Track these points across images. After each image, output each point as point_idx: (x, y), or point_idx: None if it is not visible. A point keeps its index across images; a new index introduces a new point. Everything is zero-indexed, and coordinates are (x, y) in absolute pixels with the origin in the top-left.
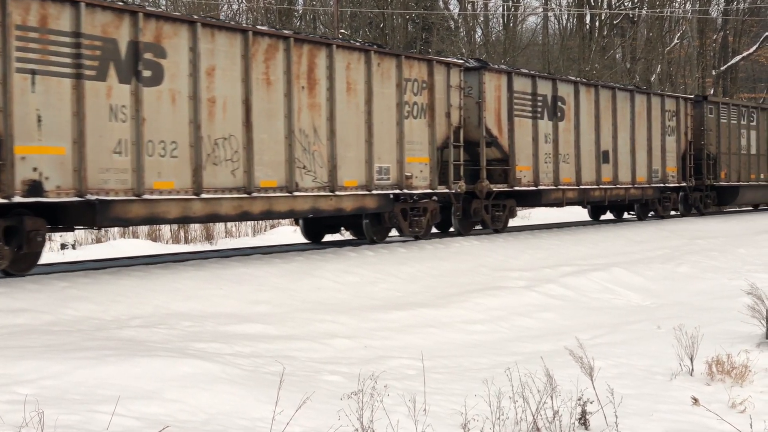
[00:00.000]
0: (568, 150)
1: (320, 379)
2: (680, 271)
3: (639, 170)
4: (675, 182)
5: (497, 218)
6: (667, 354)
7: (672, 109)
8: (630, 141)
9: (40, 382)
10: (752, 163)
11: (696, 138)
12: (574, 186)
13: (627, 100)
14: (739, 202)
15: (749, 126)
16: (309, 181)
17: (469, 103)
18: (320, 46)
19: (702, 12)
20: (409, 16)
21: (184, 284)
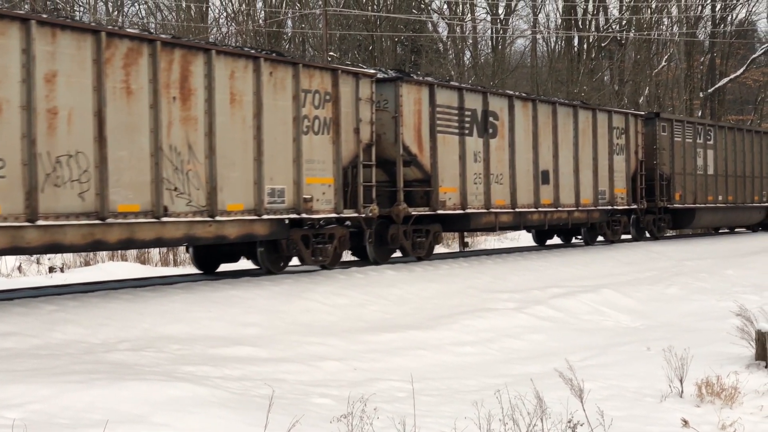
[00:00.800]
0: (501, 170)
1: (310, 402)
2: (669, 293)
3: (584, 192)
4: (624, 204)
5: (419, 245)
6: (657, 375)
7: (620, 126)
8: (573, 160)
9: (28, 406)
10: (710, 185)
11: (648, 157)
12: (509, 209)
13: (569, 116)
14: (696, 225)
15: (706, 145)
16: (182, 204)
17: (384, 118)
18: (196, 51)
19: (689, 35)
20: (398, 38)
21: (172, 307)
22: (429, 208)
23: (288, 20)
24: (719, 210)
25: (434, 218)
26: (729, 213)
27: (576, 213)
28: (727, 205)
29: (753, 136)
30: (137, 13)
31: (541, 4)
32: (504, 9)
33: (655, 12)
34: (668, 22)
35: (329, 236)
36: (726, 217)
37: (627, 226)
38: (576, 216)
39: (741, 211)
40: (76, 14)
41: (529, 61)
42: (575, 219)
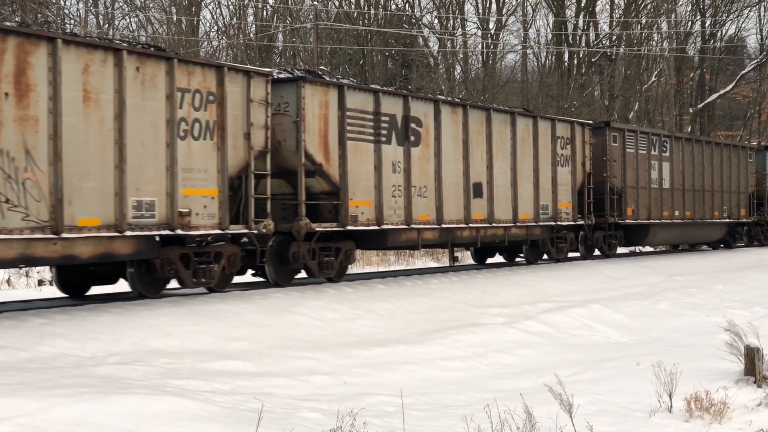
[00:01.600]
0: (425, 181)
1: (299, 416)
2: (659, 308)
3: (522, 206)
4: (570, 220)
5: (327, 264)
6: (646, 390)
7: (566, 136)
8: (511, 171)
9: (16, 419)
10: (665, 199)
11: (597, 169)
12: (434, 225)
13: (506, 124)
14: (651, 242)
15: (661, 156)
16: (16, 219)
17: (284, 123)
18: (37, 40)
19: (679, 50)
20: (389, 53)
21: (162, 321)
22: (337, 224)
23: (279, 34)
24: (676, 226)
25: (346, 235)
26: (686, 229)
27: (514, 229)
28: (685, 221)
29: (713, 148)
30: (128, 26)
31: (532, 20)
32: (494, 24)
33: (645, 27)
34: (658, 38)
35: (215, 255)
36: (683, 234)
37: (574, 243)
38: (514, 232)
39: (700, 227)
40: (67, 27)
41: (520, 76)
42: (513, 236)
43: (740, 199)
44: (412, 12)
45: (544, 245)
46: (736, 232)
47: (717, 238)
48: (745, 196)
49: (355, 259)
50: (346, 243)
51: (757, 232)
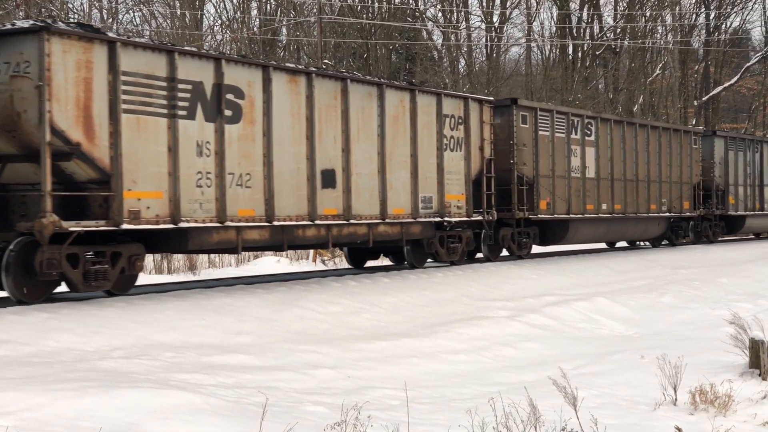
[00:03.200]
0: (249, 167)
1: (303, 410)
2: (663, 301)
3: (395, 198)
4: (463, 215)
5: (96, 274)
6: (651, 384)
7: (457, 115)
8: (378, 156)
9: (21, 413)
10: (589, 190)
11: (502, 155)
12: (263, 222)
13: (371, 98)
14: (572, 240)
15: (584, 141)
16: None
17: (25, 89)
18: None
19: (684, 43)
20: (393, 46)
21: (166, 315)
22: (108, 222)
23: (283, 28)
24: (602, 221)
25: (131, 235)
26: (616, 225)
27: (382, 227)
28: (614, 216)
29: (649, 132)
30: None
31: (536, 13)
32: (498, 17)
33: (650, 20)
34: (663, 31)
35: None
36: (612, 231)
37: (470, 242)
38: (382, 231)
39: (633, 222)
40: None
41: (524, 69)
42: (381, 235)
43: (683, 190)
44: (416, 5)
45: (430, 245)
46: (679, 228)
47: (655, 234)
48: (689, 188)
49: (142, 267)
50: (129, 247)
51: (704, 228)
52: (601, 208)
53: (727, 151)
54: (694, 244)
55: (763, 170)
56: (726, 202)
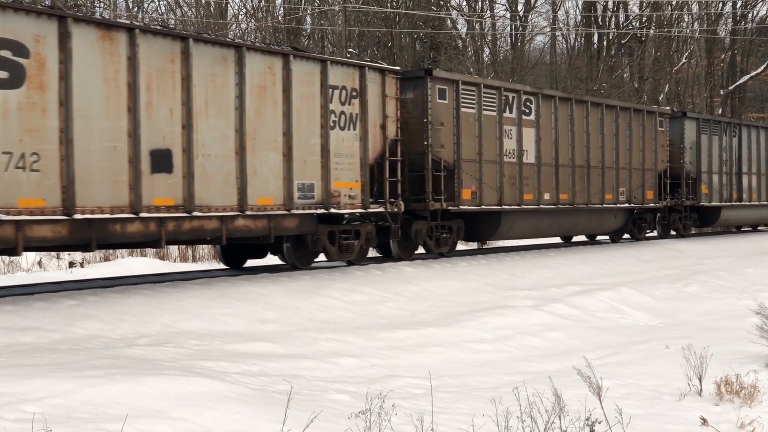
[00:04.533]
0: (37, 145)
1: (327, 398)
2: (689, 291)
3: (260, 186)
4: (358, 206)
5: None
6: (676, 374)
7: (350, 87)
8: (236, 135)
9: (48, 400)
10: (527, 177)
11: (414, 136)
12: (57, 214)
13: (227, 64)
14: (506, 235)
15: (521, 121)
16: None
17: None
18: None
19: (710, 32)
20: (417, 35)
21: (191, 302)
22: None
23: (307, 16)
24: (545, 214)
25: None
26: (563, 218)
27: (240, 220)
28: (558, 207)
29: (603, 112)
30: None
31: (561, 1)
32: (523, 6)
33: (676, 9)
34: (689, 19)
35: None
36: (558, 224)
37: (372, 238)
38: (241, 225)
39: (584, 215)
40: (97, 10)
41: (549, 58)
42: (239, 230)
43: (645, 178)
44: None
45: (316, 242)
46: (642, 221)
47: (612, 228)
48: (653, 175)
49: None
50: None
51: (673, 220)
52: (542, 199)
53: (700, 134)
54: (662, 239)
55: (741, 156)
56: (698, 192)
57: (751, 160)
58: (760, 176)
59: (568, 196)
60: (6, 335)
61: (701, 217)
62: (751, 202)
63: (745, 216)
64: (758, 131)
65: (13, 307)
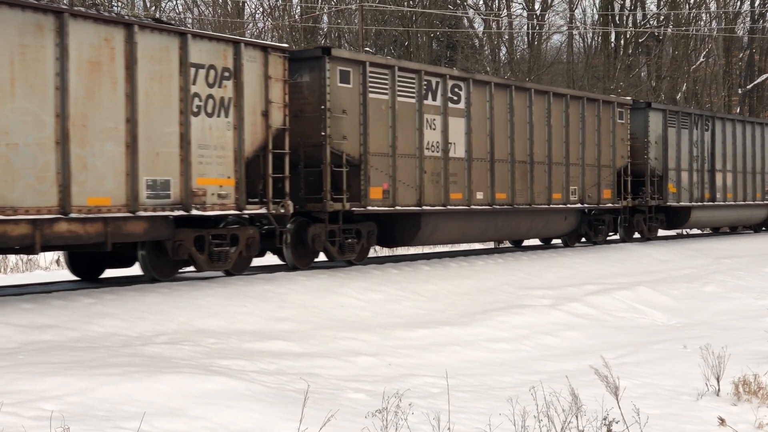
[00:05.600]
0: None
1: (344, 397)
2: (706, 291)
3: (91, 183)
4: (229, 206)
5: None
6: (693, 374)
7: (221, 66)
8: (56, 120)
9: (66, 398)
10: (456, 174)
11: (310, 126)
12: None
13: (43, 34)
14: (430, 239)
15: (448, 109)
16: None
17: None
18: None
19: (728, 30)
20: (434, 34)
21: (208, 301)
22: None
23: (324, 15)
24: (477, 215)
25: None
26: (500, 220)
27: (63, 224)
28: (495, 208)
29: (551, 101)
30: (174, 8)
31: (578, 0)
32: (540, 5)
33: (694, 7)
34: (706, 18)
35: None
36: (494, 227)
37: (254, 244)
38: (63, 230)
39: (527, 216)
40: (114, 9)
41: (566, 57)
42: (62, 236)
43: (602, 176)
44: None
45: (179, 250)
46: (600, 223)
47: (562, 231)
48: (610, 172)
49: None
50: None
51: (637, 222)
52: (474, 198)
53: (667, 127)
54: (623, 242)
55: (715, 152)
56: (665, 191)
57: (726, 157)
58: (736, 174)
59: (507, 195)
60: (25, 333)
61: (669, 219)
62: (726, 202)
63: (719, 217)
64: (734, 125)
65: (31, 305)
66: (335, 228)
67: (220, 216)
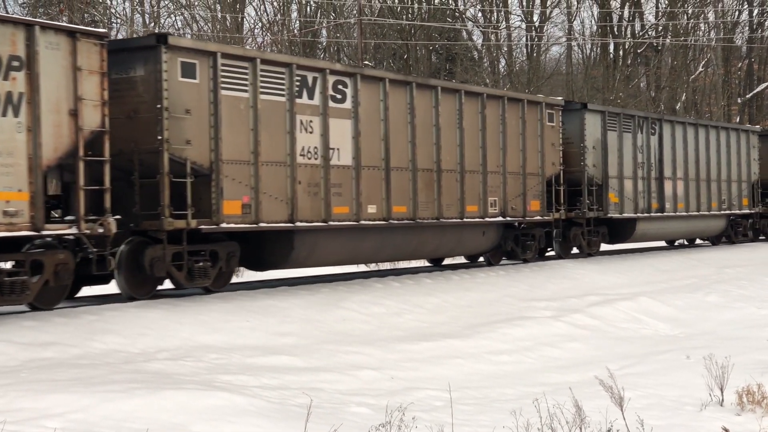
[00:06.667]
0: None
1: (347, 411)
2: (709, 300)
3: None
4: (22, 227)
5: None
6: (697, 384)
7: (6, 54)
8: None
9: (68, 415)
10: (341, 184)
11: (142, 129)
12: None
13: None
14: (306, 261)
15: (328, 110)
16: None
17: None
18: None
19: (726, 40)
20: (433, 47)
21: (210, 316)
22: None
23: (323, 30)
24: (370, 232)
25: None
26: (398, 237)
27: None
28: (393, 223)
29: (462, 101)
30: (173, 24)
31: (576, 11)
32: (539, 16)
33: (692, 17)
34: (705, 28)
35: None
36: (392, 245)
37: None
38: None
39: (434, 232)
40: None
41: (565, 68)
42: None
43: (528, 185)
44: (456, 5)
45: None
46: (528, 237)
47: (481, 248)
48: (538, 181)
49: None
50: None
51: (575, 236)
52: (364, 212)
53: (607, 131)
54: (560, 259)
55: (663, 158)
56: (605, 201)
57: (676, 163)
58: (688, 182)
59: (408, 208)
60: (27, 351)
61: (612, 232)
62: (676, 212)
63: (670, 229)
64: (685, 128)
65: (33, 323)
66: (183, 249)
67: (8, 238)
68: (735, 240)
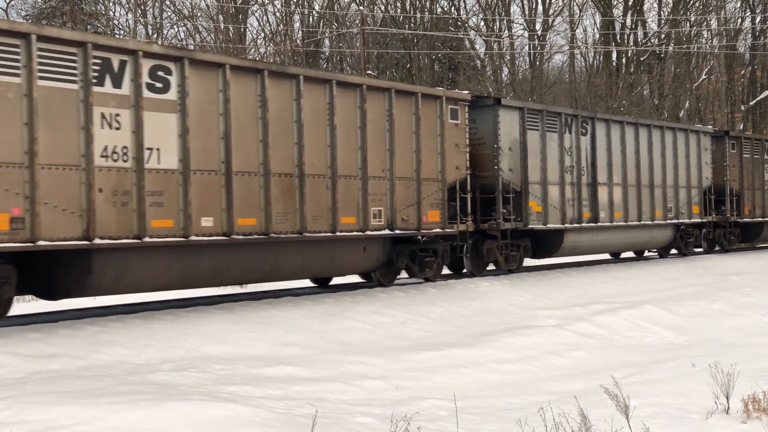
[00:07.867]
0: None
1: (352, 421)
2: (713, 308)
3: None
4: None
5: None
6: (702, 392)
7: None
8: None
9: (74, 427)
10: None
11: None
12: None
13: None
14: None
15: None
16: None
17: None
18: None
19: (729, 47)
20: (436, 56)
21: (215, 327)
22: None
23: (325, 39)
24: (204, 250)
25: None
26: (246, 256)
27: None
28: (235, 238)
29: (333, 93)
30: (176, 35)
31: (579, 19)
32: (541, 25)
33: (695, 25)
34: (708, 35)
35: None
36: (236, 264)
37: None
38: None
39: (298, 249)
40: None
41: (568, 76)
42: None
43: (423, 193)
44: (458, 15)
45: None
46: (427, 254)
47: (361, 267)
48: (438, 188)
49: None
50: None
51: (488, 251)
52: (196, 226)
53: (526, 130)
54: (472, 276)
55: (596, 161)
56: (525, 211)
57: (612, 167)
58: (627, 188)
59: (258, 221)
60: (32, 363)
61: (536, 245)
62: (613, 222)
63: (605, 241)
64: (623, 127)
65: (38, 335)
66: None
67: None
68: (686, 252)
